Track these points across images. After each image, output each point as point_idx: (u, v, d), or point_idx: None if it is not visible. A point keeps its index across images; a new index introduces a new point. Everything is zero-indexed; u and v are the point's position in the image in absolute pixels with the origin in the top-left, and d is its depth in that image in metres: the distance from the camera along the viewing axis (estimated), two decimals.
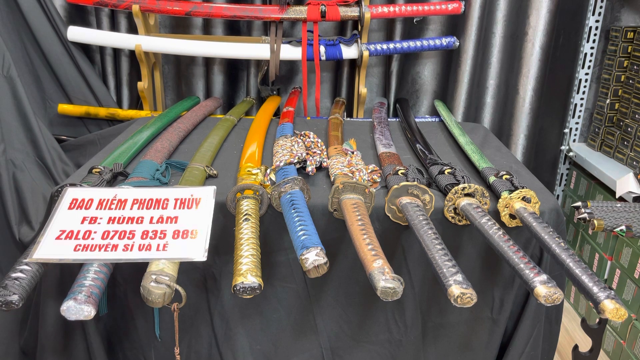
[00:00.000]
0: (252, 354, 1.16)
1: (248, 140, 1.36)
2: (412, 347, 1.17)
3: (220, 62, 1.93)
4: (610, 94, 1.77)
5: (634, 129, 1.66)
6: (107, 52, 1.90)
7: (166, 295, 0.78)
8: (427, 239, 0.87)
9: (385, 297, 0.74)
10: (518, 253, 0.84)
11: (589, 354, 1.17)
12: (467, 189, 1.02)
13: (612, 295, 0.74)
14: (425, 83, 1.94)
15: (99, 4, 1.70)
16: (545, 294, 0.75)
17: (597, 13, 1.77)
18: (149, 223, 0.92)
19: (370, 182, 1.12)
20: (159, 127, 1.45)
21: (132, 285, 1.08)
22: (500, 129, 1.92)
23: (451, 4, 1.74)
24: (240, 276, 0.79)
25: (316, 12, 1.71)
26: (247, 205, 0.98)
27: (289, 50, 1.74)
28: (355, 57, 1.78)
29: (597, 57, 1.84)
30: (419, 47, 1.78)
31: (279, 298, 1.12)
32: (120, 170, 1.12)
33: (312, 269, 0.81)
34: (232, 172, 1.20)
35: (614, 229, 1.02)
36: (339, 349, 1.17)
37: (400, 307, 1.13)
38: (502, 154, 1.41)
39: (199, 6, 1.70)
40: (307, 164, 1.17)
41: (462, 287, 0.75)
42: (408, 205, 0.98)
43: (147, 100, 1.80)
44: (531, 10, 1.74)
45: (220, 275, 1.09)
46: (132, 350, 1.15)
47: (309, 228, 0.88)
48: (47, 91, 1.81)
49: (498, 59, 1.84)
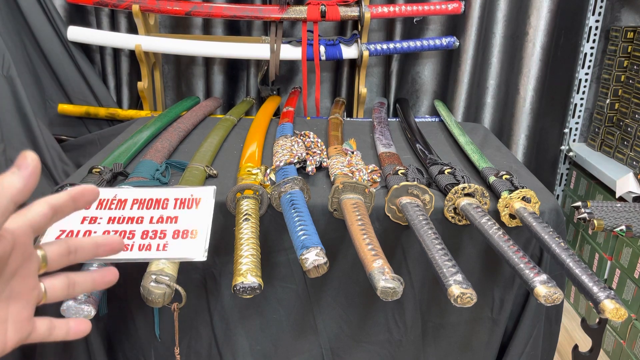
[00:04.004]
0: (252, 354, 1.16)
1: (248, 140, 1.36)
2: (412, 347, 1.17)
3: (220, 62, 1.93)
4: (610, 94, 1.77)
5: (634, 129, 1.66)
6: (107, 52, 1.90)
7: (166, 295, 0.78)
8: (427, 239, 0.87)
9: (385, 297, 0.74)
10: (518, 253, 0.84)
11: (589, 354, 1.17)
12: (467, 188, 1.02)
13: (612, 295, 0.74)
14: (425, 83, 1.94)
15: (99, 4, 1.70)
16: (545, 294, 0.75)
17: (597, 13, 1.77)
18: (149, 223, 0.92)
19: (370, 182, 1.12)
20: (159, 127, 1.45)
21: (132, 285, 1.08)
22: (500, 129, 1.92)
23: (451, 4, 1.74)
24: (240, 276, 0.79)
25: (316, 12, 1.71)
26: (247, 205, 0.98)
27: (289, 50, 1.75)
28: (355, 57, 1.78)
29: (597, 57, 1.84)
30: (419, 47, 1.78)
31: (279, 298, 1.12)
32: (120, 170, 1.12)
33: (312, 269, 0.81)
34: (232, 172, 1.20)
35: (614, 229, 1.02)
36: (339, 349, 1.17)
37: (400, 307, 1.13)
38: (502, 154, 1.41)
39: (199, 6, 1.70)
40: (307, 164, 1.17)
41: (462, 287, 0.75)
42: (408, 205, 0.98)
43: (147, 100, 1.80)
44: (532, 10, 1.74)
45: (220, 276, 1.09)
46: (132, 351, 1.15)
47: (309, 228, 0.88)
48: (47, 91, 1.81)
49: (498, 59, 1.84)
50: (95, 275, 0.53)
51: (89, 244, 0.51)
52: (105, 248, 0.52)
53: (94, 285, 0.53)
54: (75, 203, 0.47)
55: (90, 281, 0.53)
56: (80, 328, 0.52)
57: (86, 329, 0.52)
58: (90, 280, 0.53)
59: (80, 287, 0.52)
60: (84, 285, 0.52)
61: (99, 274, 0.53)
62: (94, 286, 0.53)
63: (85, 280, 0.52)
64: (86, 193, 0.48)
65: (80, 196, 0.48)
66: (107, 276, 0.54)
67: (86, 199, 0.48)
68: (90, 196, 0.48)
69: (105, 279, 0.54)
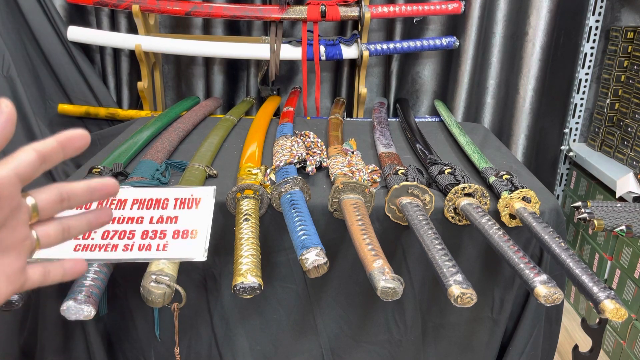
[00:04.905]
0: (252, 354, 1.16)
1: (248, 140, 1.36)
2: (412, 348, 1.17)
3: (220, 62, 1.93)
4: (610, 94, 1.77)
5: (634, 129, 1.66)
6: (107, 52, 1.90)
7: (166, 295, 0.78)
8: (427, 239, 0.87)
9: (385, 297, 0.74)
10: (518, 253, 0.84)
11: (589, 354, 1.17)
12: (467, 189, 1.02)
13: (612, 295, 0.74)
14: (425, 83, 1.94)
15: (99, 4, 1.70)
16: (545, 294, 0.75)
17: (597, 13, 1.77)
18: (149, 223, 0.92)
19: (370, 182, 1.12)
20: (159, 127, 1.45)
21: (132, 285, 1.08)
22: (500, 129, 1.92)
23: (451, 4, 1.74)
24: (240, 276, 0.79)
25: (316, 12, 1.71)
26: (247, 205, 0.98)
27: (289, 50, 1.75)
28: (355, 57, 1.78)
29: (597, 57, 1.84)
30: (419, 47, 1.78)
31: (279, 298, 1.12)
32: (120, 170, 1.12)
33: (312, 269, 0.81)
34: (232, 172, 1.20)
35: (614, 229, 1.02)
36: (339, 349, 1.17)
37: (400, 307, 1.13)
38: (502, 154, 1.41)
39: (199, 6, 1.70)
40: (307, 164, 1.17)
41: (462, 287, 0.75)
42: (408, 205, 0.98)
43: (147, 100, 1.80)
44: (531, 10, 1.74)
45: (220, 276, 1.09)
46: (132, 351, 1.15)
47: (309, 228, 0.88)
48: (47, 91, 1.81)
49: (498, 58, 1.84)
50: (90, 216, 0.50)
51: (83, 189, 0.47)
52: (101, 192, 0.48)
53: (90, 226, 0.50)
54: (64, 149, 0.44)
55: (86, 223, 0.49)
56: (76, 269, 0.50)
57: (82, 268, 0.50)
58: (86, 222, 0.49)
59: (75, 230, 0.49)
60: (79, 227, 0.49)
61: (93, 215, 0.50)
62: (90, 227, 0.50)
63: (80, 222, 0.49)
64: (75, 138, 0.44)
65: (68, 141, 0.44)
66: (102, 217, 0.50)
67: (75, 145, 0.44)
68: (80, 141, 0.44)
69: (100, 219, 0.50)
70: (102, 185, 0.48)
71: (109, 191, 0.48)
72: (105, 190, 0.48)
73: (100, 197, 0.48)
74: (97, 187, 0.47)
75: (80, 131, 0.45)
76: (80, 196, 0.47)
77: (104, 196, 0.48)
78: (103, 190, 0.48)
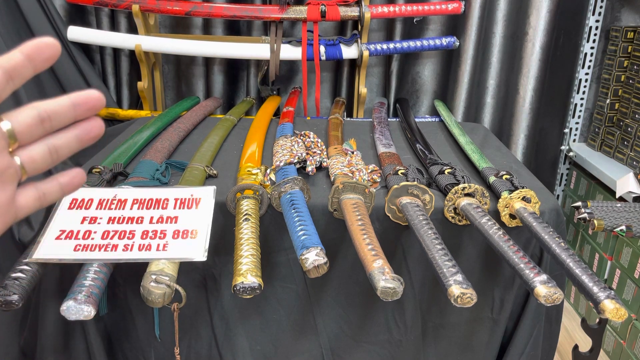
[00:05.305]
0: (252, 354, 1.16)
1: (248, 140, 1.36)
2: (412, 348, 1.17)
3: (220, 62, 1.93)
4: (610, 94, 1.77)
5: (634, 129, 1.66)
6: (107, 52, 1.90)
7: (166, 295, 0.78)
8: (427, 239, 0.87)
9: (385, 297, 0.74)
10: (518, 253, 0.84)
11: (589, 354, 1.17)
12: (467, 189, 1.02)
13: (612, 295, 0.74)
14: (425, 83, 1.94)
15: (99, 3, 1.70)
16: (545, 294, 0.75)
17: (597, 13, 1.77)
18: (149, 223, 0.92)
19: (370, 182, 1.12)
20: (159, 127, 1.45)
21: (132, 285, 1.08)
22: (500, 129, 1.92)
23: (451, 4, 1.74)
24: (240, 276, 0.79)
25: (316, 12, 1.71)
26: (247, 205, 0.98)
27: (289, 50, 1.74)
28: (355, 57, 1.78)
29: (597, 57, 1.84)
30: (419, 47, 1.78)
31: (279, 298, 1.12)
32: (120, 170, 1.12)
33: (312, 269, 0.81)
34: (232, 172, 1.20)
35: (614, 229, 1.02)
36: (339, 349, 1.17)
37: (400, 307, 1.13)
38: (502, 154, 1.41)
39: (199, 6, 1.70)
40: (307, 164, 1.17)
41: (462, 287, 0.75)
42: (408, 205, 0.98)
43: (147, 100, 1.80)
44: (531, 10, 1.74)
45: (220, 276, 1.09)
46: (132, 351, 1.15)
47: (309, 228, 0.88)
48: (47, 91, 1.80)
49: (498, 58, 1.84)
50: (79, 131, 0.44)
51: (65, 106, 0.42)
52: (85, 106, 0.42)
53: (81, 143, 0.44)
54: (33, 62, 0.39)
55: (75, 139, 0.43)
56: (74, 182, 0.45)
57: (81, 180, 0.45)
58: (75, 138, 0.43)
59: (64, 150, 0.43)
60: (69, 146, 0.43)
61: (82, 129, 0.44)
62: (81, 144, 0.44)
63: (68, 140, 0.43)
64: (42, 46, 0.39)
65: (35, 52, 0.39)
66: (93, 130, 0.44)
67: (44, 56, 0.39)
68: (48, 50, 0.40)
69: (91, 133, 0.44)
70: (86, 98, 0.43)
71: (94, 103, 0.43)
72: (90, 102, 0.43)
73: (86, 112, 0.43)
74: (80, 100, 0.42)
75: (48, 39, 0.40)
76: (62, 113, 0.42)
77: (90, 110, 0.43)
78: (88, 103, 0.43)
